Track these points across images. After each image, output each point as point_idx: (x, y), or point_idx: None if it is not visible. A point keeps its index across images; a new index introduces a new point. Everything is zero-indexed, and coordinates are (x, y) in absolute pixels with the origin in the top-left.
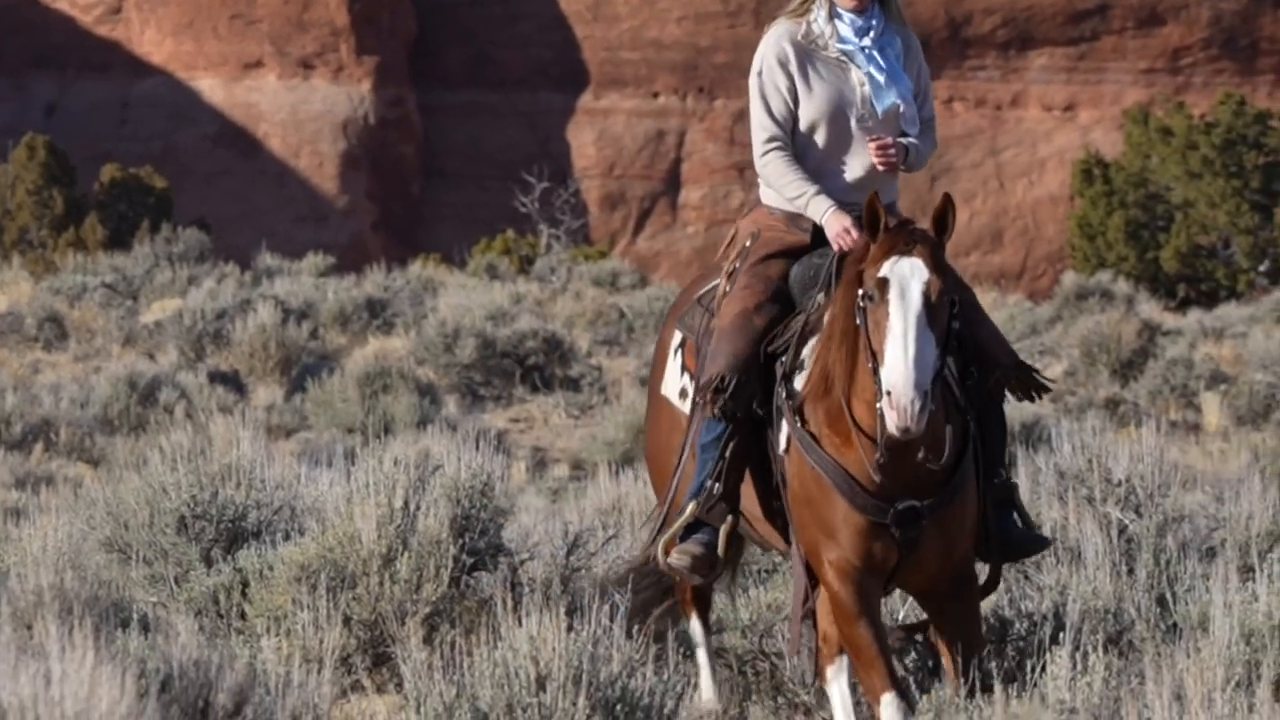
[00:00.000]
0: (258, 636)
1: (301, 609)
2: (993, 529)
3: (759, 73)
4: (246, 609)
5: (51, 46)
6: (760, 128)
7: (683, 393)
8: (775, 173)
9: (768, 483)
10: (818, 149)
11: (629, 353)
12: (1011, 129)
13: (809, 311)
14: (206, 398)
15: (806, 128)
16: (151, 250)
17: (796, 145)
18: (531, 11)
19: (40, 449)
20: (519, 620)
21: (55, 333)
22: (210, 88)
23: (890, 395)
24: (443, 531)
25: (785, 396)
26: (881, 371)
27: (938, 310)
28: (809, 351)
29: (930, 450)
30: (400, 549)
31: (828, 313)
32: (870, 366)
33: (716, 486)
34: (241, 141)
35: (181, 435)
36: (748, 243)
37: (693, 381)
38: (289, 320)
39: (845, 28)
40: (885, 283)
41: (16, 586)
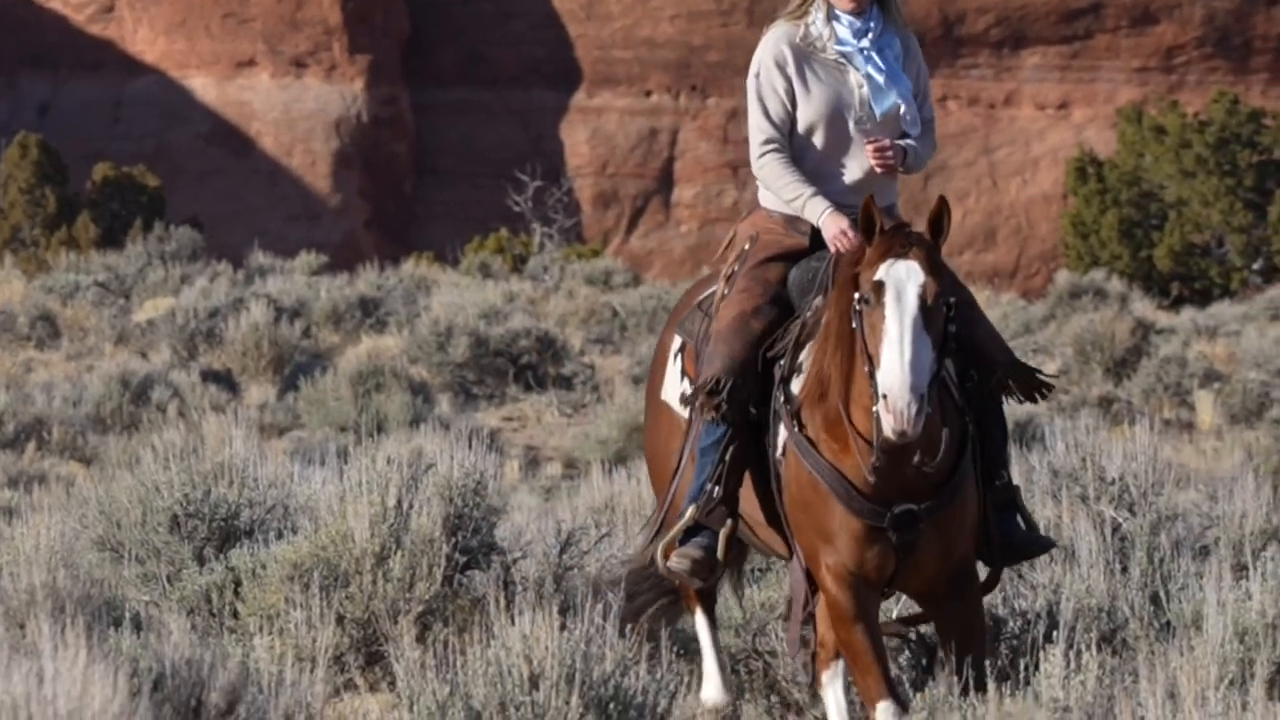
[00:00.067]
0: (250, 635)
1: (294, 608)
2: (995, 531)
3: (756, 75)
4: (239, 608)
5: (44, 45)
6: (757, 130)
7: (682, 398)
8: (772, 175)
9: (768, 487)
10: (816, 151)
11: (622, 351)
12: (1005, 127)
13: (807, 315)
14: (199, 396)
15: (805, 130)
16: (144, 249)
17: (795, 147)
18: (524, 10)
19: (33, 448)
20: (512, 619)
21: (48, 331)
22: (203, 86)
23: (886, 399)
24: (435, 530)
25: (783, 401)
26: (878, 375)
27: (933, 313)
28: (806, 355)
29: (926, 453)
30: (393, 548)
31: (824, 316)
32: (866, 370)
33: (716, 490)
34: (234, 140)
35: (174, 434)
36: (746, 246)
37: (692, 386)
38: (282, 319)
39: (843, 29)
40: (881, 286)
41: (9, 585)
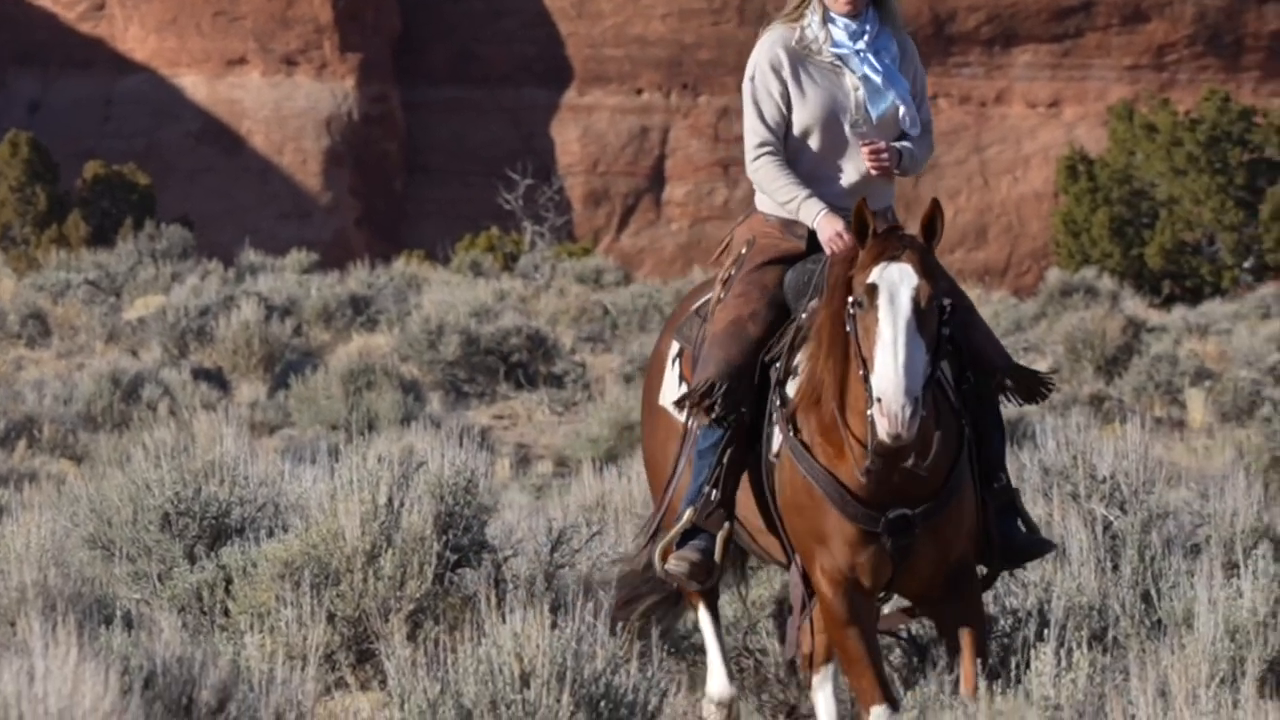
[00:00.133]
0: (241, 633)
1: (285, 606)
2: (995, 533)
3: (752, 78)
4: (230, 606)
5: (34, 43)
6: (752, 133)
7: (678, 401)
8: (767, 178)
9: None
10: (812, 154)
11: (613, 349)
12: (996, 126)
13: (802, 318)
14: (190, 394)
15: (800, 133)
16: (135, 247)
17: (791, 150)
18: (515, 8)
19: (23, 446)
20: (503, 617)
21: (38, 329)
22: (193, 84)
23: (880, 402)
24: (426, 528)
25: (779, 404)
26: (872, 379)
27: (927, 316)
28: (802, 358)
29: (918, 455)
30: (384, 546)
31: (818, 319)
32: (861, 374)
33: (714, 493)
34: (225, 138)
35: (165, 432)
36: (743, 250)
37: None
38: (272, 317)
39: (839, 32)
40: (874, 289)
41: (0, 584)
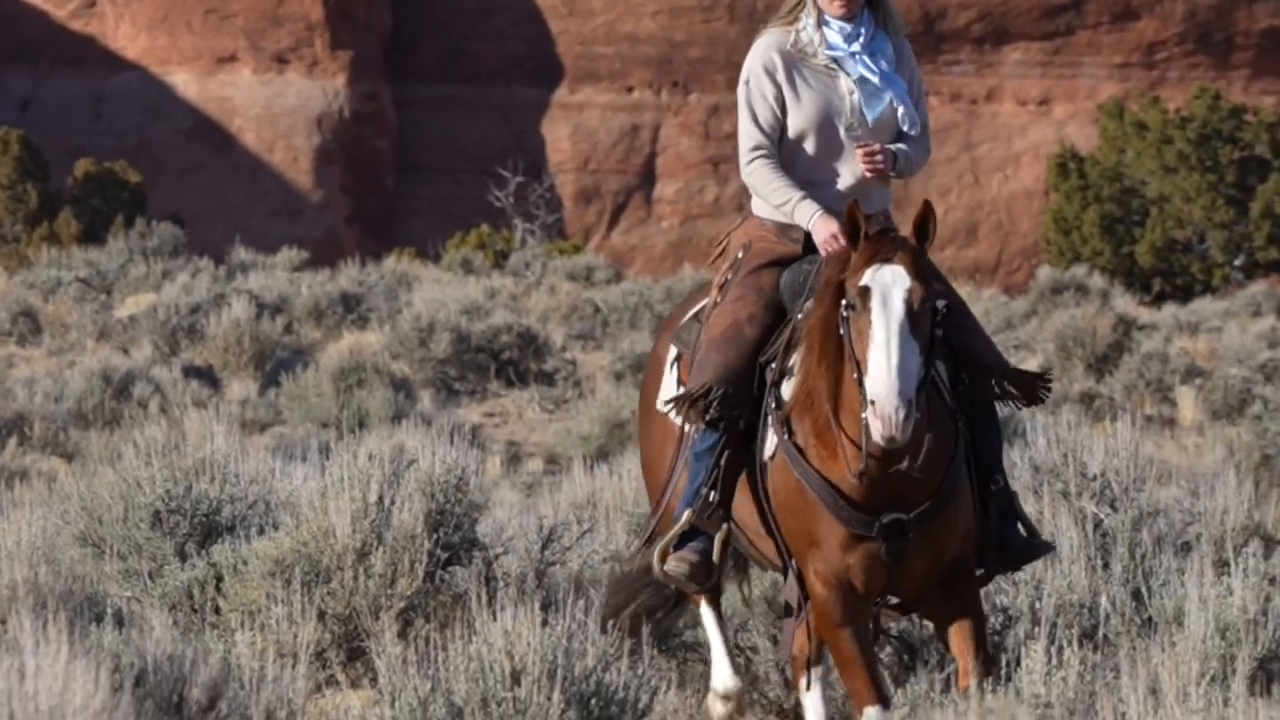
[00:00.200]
0: (232, 631)
1: (276, 603)
2: (994, 536)
3: (746, 82)
4: (221, 603)
5: (25, 41)
6: (746, 137)
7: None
8: (761, 181)
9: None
10: (808, 158)
11: (603, 347)
12: (986, 123)
13: (798, 318)
14: (180, 392)
15: (795, 136)
16: (125, 245)
17: (786, 154)
18: (506, 5)
19: (14, 444)
20: (494, 615)
21: (29, 327)
22: (184, 82)
23: (874, 405)
24: (417, 526)
25: (774, 406)
26: (865, 381)
27: (920, 318)
28: (796, 359)
29: (911, 457)
30: (375, 543)
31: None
32: (855, 377)
33: (713, 494)
34: (216, 136)
35: (156, 430)
36: (739, 255)
37: None
38: (263, 315)
39: (834, 34)
40: (867, 291)
41: None
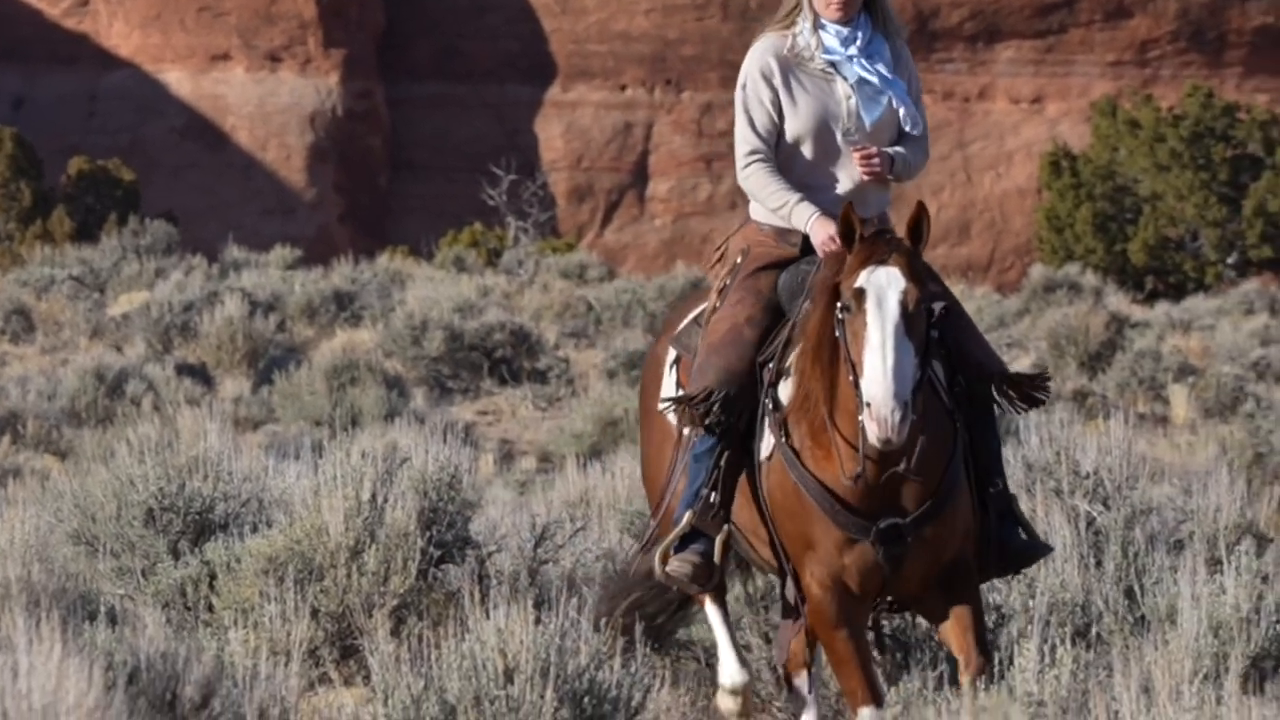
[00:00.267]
0: (225, 629)
1: (269, 601)
2: (993, 539)
3: (743, 86)
4: (214, 601)
5: (18, 39)
6: (743, 141)
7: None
8: (758, 184)
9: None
10: (806, 162)
11: (596, 345)
12: (979, 121)
13: (796, 319)
14: (174, 390)
15: (792, 140)
16: (119, 243)
17: (784, 159)
18: (499, 4)
19: (7, 441)
20: (486, 613)
21: (22, 325)
22: (178, 80)
23: (870, 407)
24: (410, 524)
25: (772, 407)
26: (861, 383)
27: (915, 319)
28: (793, 359)
29: (907, 459)
30: (368, 541)
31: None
32: (851, 379)
33: (714, 496)
34: (209, 134)
35: (149, 428)
36: (738, 259)
37: None
38: (256, 313)
39: (830, 38)
40: (862, 293)
41: None
